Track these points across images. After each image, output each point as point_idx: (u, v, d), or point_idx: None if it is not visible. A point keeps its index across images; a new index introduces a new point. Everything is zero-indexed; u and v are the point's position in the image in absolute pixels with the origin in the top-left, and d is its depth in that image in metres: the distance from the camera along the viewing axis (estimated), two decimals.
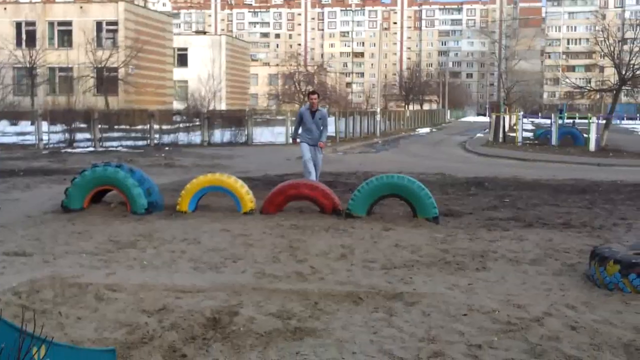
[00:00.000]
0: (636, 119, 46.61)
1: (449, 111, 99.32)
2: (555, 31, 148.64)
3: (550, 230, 9.51)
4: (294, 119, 39.90)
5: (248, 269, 7.07)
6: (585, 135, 33.44)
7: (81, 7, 50.04)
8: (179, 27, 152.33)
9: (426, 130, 58.13)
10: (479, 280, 6.70)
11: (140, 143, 29.92)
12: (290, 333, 5.04)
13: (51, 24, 50.33)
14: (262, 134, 33.56)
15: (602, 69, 62.37)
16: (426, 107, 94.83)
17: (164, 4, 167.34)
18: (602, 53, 36.60)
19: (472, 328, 5.21)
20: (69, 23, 49.92)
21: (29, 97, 45.52)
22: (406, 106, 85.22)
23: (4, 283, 6.16)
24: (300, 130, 13.87)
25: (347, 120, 38.51)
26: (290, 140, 32.98)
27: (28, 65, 45.69)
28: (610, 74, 40.42)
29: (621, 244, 6.99)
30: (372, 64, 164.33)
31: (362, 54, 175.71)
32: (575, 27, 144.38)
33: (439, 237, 8.83)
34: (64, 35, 50.59)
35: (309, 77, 49.81)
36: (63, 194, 10.78)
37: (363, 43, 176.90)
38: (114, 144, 29.08)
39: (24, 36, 49.33)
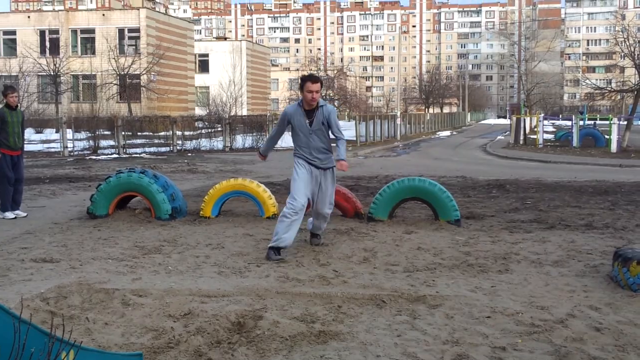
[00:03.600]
0: None
1: (469, 114, 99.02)
2: (575, 32, 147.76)
3: (573, 232, 9.48)
4: None
5: (272, 273, 7.12)
6: (606, 136, 33.24)
7: (103, 15, 50.54)
8: (200, 33, 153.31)
9: (447, 133, 57.96)
10: (502, 282, 6.70)
11: (163, 149, 30.17)
12: (315, 337, 5.07)
13: (74, 31, 50.87)
14: (283, 139, 33.43)
15: (622, 69, 61.82)
16: (446, 110, 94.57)
17: (184, 11, 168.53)
18: (622, 53, 36.31)
19: (495, 330, 5.22)
20: (92, 30, 50.44)
21: (53, 105, 45.98)
22: (426, 109, 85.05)
23: (32, 289, 6.26)
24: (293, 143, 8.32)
25: (368, 124, 38.56)
26: None
27: (52, 73, 46.17)
28: (631, 75, 40.08)
29: None
30: (391, 68, 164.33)
31: (381, 58, 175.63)
32: (594, 28, 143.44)
33: (461, 240, 8.84)
34: (86, 42, 51.12)
35: (329, 82, 49.79)
36: (88, 201, 10.92)
37: (382, 47, 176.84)
38: (138, 150, 29.32)
39: (47, 44, 49.89)
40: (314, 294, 6.19)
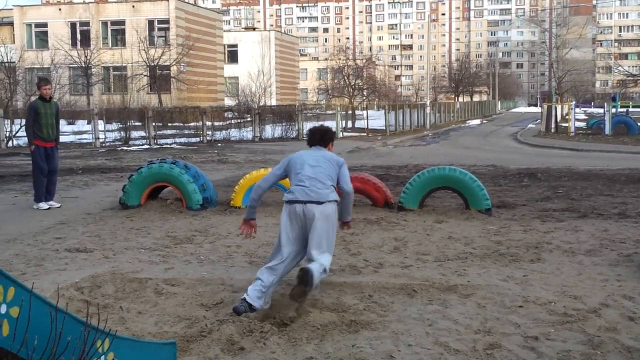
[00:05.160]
0: None
1: (499, 102, 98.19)
2: (607, 19, 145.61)
3: (606, 221, 9.39)
4: (343, 112, 39.97)
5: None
6: (639, 124, 32.77)
7: (133, 6, 50.80)
8: (229, 23, 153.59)
9: (476, 121, 57.57)
10: (534, 271, 6.66)
11: (193, 140, 30.35)
12: (346, 326, 5.09)
13: (104, 23, 51.21)
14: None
15: None
16: (476, 98, 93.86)
17: (213, 1, 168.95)
18: None
19: (528, 320, 5.19)
20: (122, 22, 50.75)
21: (84, 97, 46.40)
22: (456, 98, 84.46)
23: (67, 279, 6.34)
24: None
25: (397, 113, 38.45)
26: (341, 134, 32.78)
27: (83, 65, 46.57)
28: None
29: None
30: (420, 56, 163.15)
31: (410, 47, 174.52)
32: (627, 14, 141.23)
33: (492, 229, 8.79)
34: (117, 34, 51.46)
35: (358, 71, 49.62)
36: (120, 191, 11.03)
37: (411, 35, 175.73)
38: (168, 141, 29.53)
39: (78, 36, 50.28)
40: (344, 284, 6.21)
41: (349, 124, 40.82)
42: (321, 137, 6.35)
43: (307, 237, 5.75)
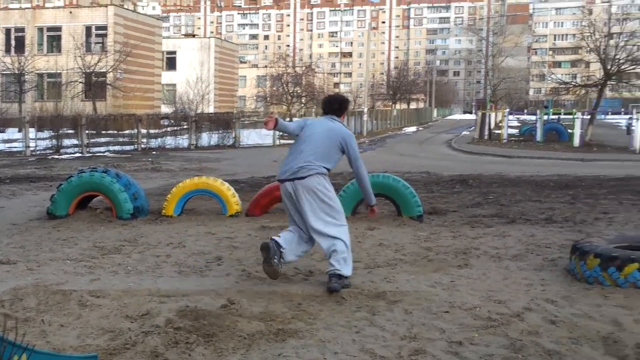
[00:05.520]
0: (620, 114, 46.80)
1: (435, 109, 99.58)
2: (543, 27, 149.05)
3: (533, 226, 9.59)
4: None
5: (232, 271, 7.10)
6: (569, 130, 33.63)
7: (71, 12, 49.92)
8: (169, 30, 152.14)
9: (413, 129, 58.23)
10: (461, 277, 6.75)
11: (127, 148, 29.93)
12: (273, 335, 5.07)
13: (40, 29, 50.13)
14: (249, 136, 33.59)
15: (587, 64, 62.51)
16: (413, 105, 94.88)
17: (153, 8, 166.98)
18: (588, 48, 36.70)
19: (453, 325, 5.26)
20: (59, 28, 49.73)
21: (17, 104, 45.34)
22: (393, 105, 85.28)
23: None
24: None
25: None
26: (277, 142, 32.81)
27: (16, 72, 45.51)
28: (596, 69, 40.55)
29: (601, 238, 7.06)
30: (360, 64, 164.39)
31: (350, 54, 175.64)
32: (562, 23, 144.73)
33: (422, 236, 8.89)
34: (53, 40, 50.42)
35: (297, 78, 49.76)
36: (48, 201, 10.79)
37: (352, 43, 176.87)
38: (102, 149, 29.05)
39: (12, 42, 49.15)
40: (274, 292, 6.19)
41: None
42: (340, 107, 6.75)
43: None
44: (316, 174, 6.23)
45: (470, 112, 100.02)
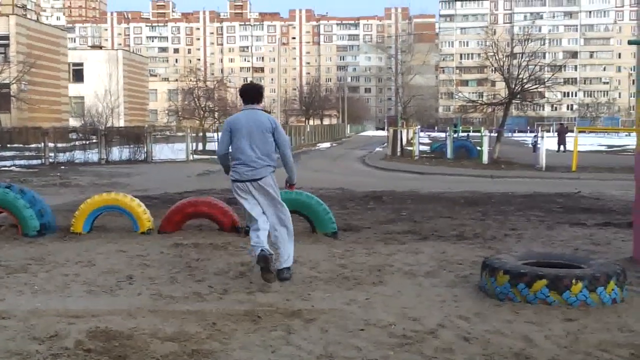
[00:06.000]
0: (527, 132, 48.54)
1: (348, 126, 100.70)
2: (449, 46, 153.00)
3: (445, 242, 9.74)
4: (194, 135, 39.38)
5: (144, 290, 6.93)
6: (478, 148, 34.51)
7: None
8: (74, 41, 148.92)
9: (326, 145, 58.64)
10: (376, 294, 6.78)
11: (34, 162, 29.09)
12: (187, 356, 4.97)
13: None
14: (162, 151, 33.13)
15: (493, 83, 64.47)
16: (326, 121, 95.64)
17: (58, 18, 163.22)
18: (493, 68, 37.82)
19: (368, 343, 5.26)
20: None
21: None
22: (306, 121, 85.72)
23: None
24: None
25: None
26: (191, 157, 32.51)
27: None
28: (501, 88, 41.87)
29: (510, 255, 7.23)
30: (272, 79, 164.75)
31: (262, 69, 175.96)
32: (467, 43, 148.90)
33: (337, 253, 8.90)
34: None
35: (209, 92, 49.33)
36: None
37: (263, 58, 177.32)
38: (7, 163, 28.13)
39: None
40: (188, 311, 6.08)
41: (200, 147, 40.42)
42: (257, 94, 7.38)
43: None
44: (271, 172, 7.21)
45: (383, 129, 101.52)
